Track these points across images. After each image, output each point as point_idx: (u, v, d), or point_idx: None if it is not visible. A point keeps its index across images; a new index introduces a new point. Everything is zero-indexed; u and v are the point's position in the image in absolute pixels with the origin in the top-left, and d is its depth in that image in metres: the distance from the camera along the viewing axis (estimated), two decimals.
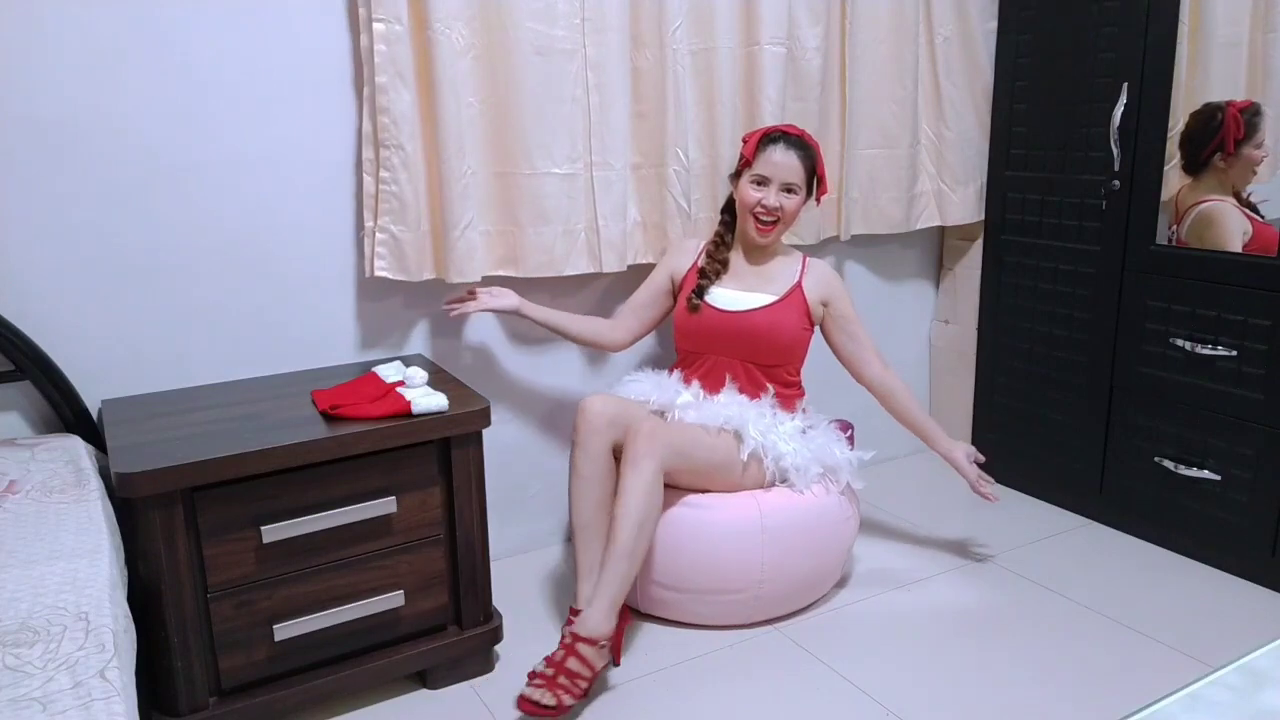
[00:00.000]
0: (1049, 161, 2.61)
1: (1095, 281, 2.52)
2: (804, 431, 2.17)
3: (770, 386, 2.19)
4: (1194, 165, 2.32)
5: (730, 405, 2.11)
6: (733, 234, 2.28)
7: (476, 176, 2.16)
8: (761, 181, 2.16)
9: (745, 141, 2.21)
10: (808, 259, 2.28)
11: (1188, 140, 2.31)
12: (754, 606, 2.10)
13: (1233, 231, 2.30)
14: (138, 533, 1.56)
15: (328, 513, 1.71)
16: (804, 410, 2.24)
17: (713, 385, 2.18)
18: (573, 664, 1.80)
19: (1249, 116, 2.22)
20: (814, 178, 2.21)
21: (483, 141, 2.16)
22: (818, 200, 2.27)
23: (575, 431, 2.00)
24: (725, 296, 2.21)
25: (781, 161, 2.14)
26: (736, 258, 2.26)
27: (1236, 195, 2.27)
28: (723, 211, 2.32)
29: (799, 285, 2.23)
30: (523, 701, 1.76)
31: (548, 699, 1.74)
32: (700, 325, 2.20)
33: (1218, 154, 2.26)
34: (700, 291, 2.21)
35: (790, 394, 2.24)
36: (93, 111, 1.82)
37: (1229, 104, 2.25)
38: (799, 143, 2.18)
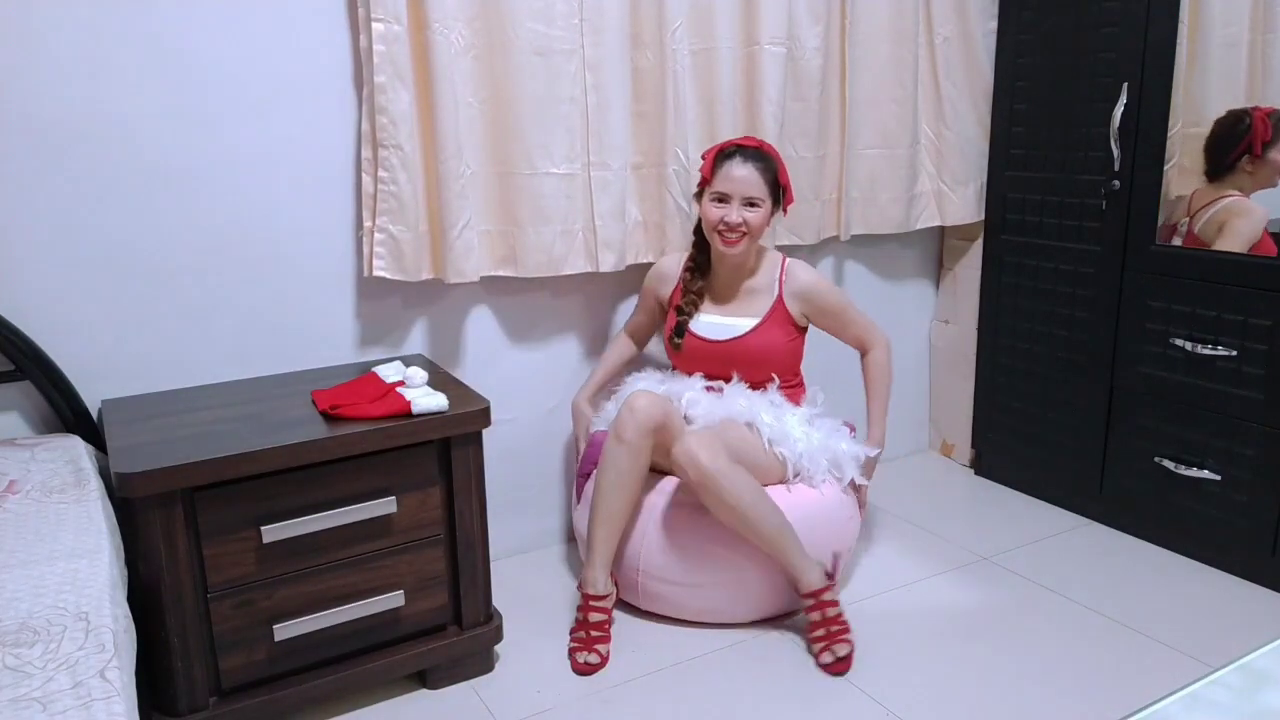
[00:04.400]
0: (1049, 161, 2.61)
1: (1095, 281, 2.52)
2: (810, 421, 2.17)
3: (776, 377, 2.20)
4: (1218, 170, 2.30)
5: (739, 397, 2.12)
6: (706, 254, 2.22)
7: (476, 177, 2.16)
8: (722, 199, 2.10)
9: (703, 159, 2.16)
10: (787, 261, 2.25)
11: (1212, 145, 2.30)
12: (755, 602, 2.10)
13: (1253, 227, 2.28)
14: (138, 533, 1.56)
15: (328, 513, 1.71)
16: (812, 400, 2.24)
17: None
18: (594, 616, 2.01)
19: (1276, 120, 2.21)
20: (778, 188, 2.16)
21: (482, 141, 2.16)
22: (784, 210, 2.23)
23: (622, 427, 1.97)
24: (709, 324, 2.19)
25: (740, 176, 2.09)
26: (716, 277, 2.22)
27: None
28: (694, 233, 2.27)
29: (780, 299, 2.20)
30: (579, 665, 1.97)
31: (593, 658, 1.97)
32: (687, 357, 2.21)
33: (1244, 157, 2.26)
34: (680, 330, 2.20)
35: (793, 391, 2.24)
36: (93, 111, 1.82)
37: (1255, 108, 2.24)
38: (757, 154, 2.12)
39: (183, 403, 1.88)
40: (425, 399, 1.79)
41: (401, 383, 1.90)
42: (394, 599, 1.81)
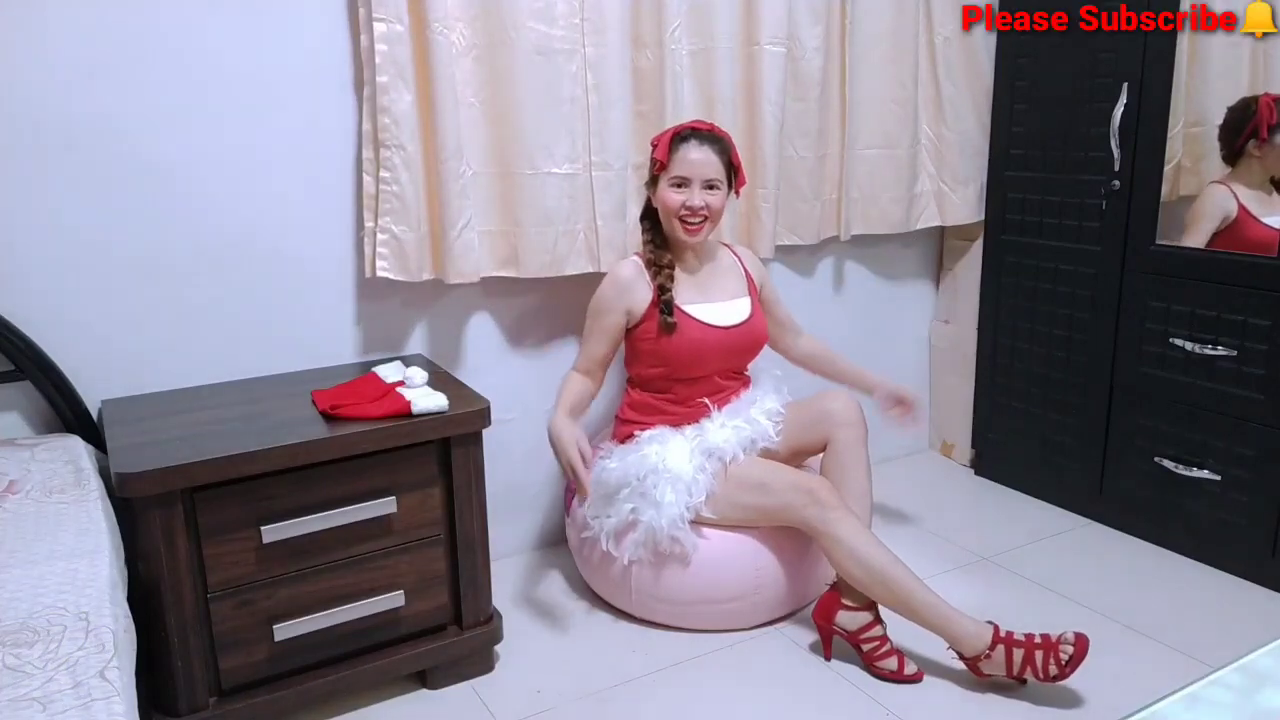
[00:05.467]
0: (1049, 161, 2.61)
1: (1095, 281, 2.52)
2: (754, 402, 2.17)
3: (748, 375, 2.22)
4: (1231, 155, 2.32)
5: (739, 426, 2.09)
6: (660, 241, 2.13)
7: (477, 177, 2.16)
8: (681, 183, 2.04)
9: (655, 145, 2.08)
10: (731, 245, 2.29)
11: (1224, 131, 2.32)
12: (752, 613, 2.10)
13: (1206, 213, 2.33)
14: (138, 533, 1.56)
15: (328, 513, 1.71)
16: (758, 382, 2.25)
17: (683, 400, 2.13)
18: (986, 668, 1.87)
19: None
20: (732, 170, 2.10)
21: (483, 141, 2.16)
22: (737, 193, 2.18)
23: (832, 508, 1.92)
24: (711, 311, 2.11)
25: (698, 159, 2.03)
26: (683, 266, 2.13)
27: (1276, 183, 2.27)
28: (642, 219, 2.18)
29: (750, 278, 2.22)
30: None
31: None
32: (682, 345, 2.06)
33: (1252, 142, 2.26)
34: (668, 307, 2.04)
35: (744, 378, 2.25)
36: (93, 111, 1.82)
37: (1264, 94, 2.25)
38: (711, 137, 2.06)
39: (183, 403, 1.88)
40: (425, 399, 1.79)
41: (401, 383, 1.90)
42: (394, 599, 1.81)
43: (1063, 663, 1.79)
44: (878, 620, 1.95)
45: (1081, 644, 1.80)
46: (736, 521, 2.04)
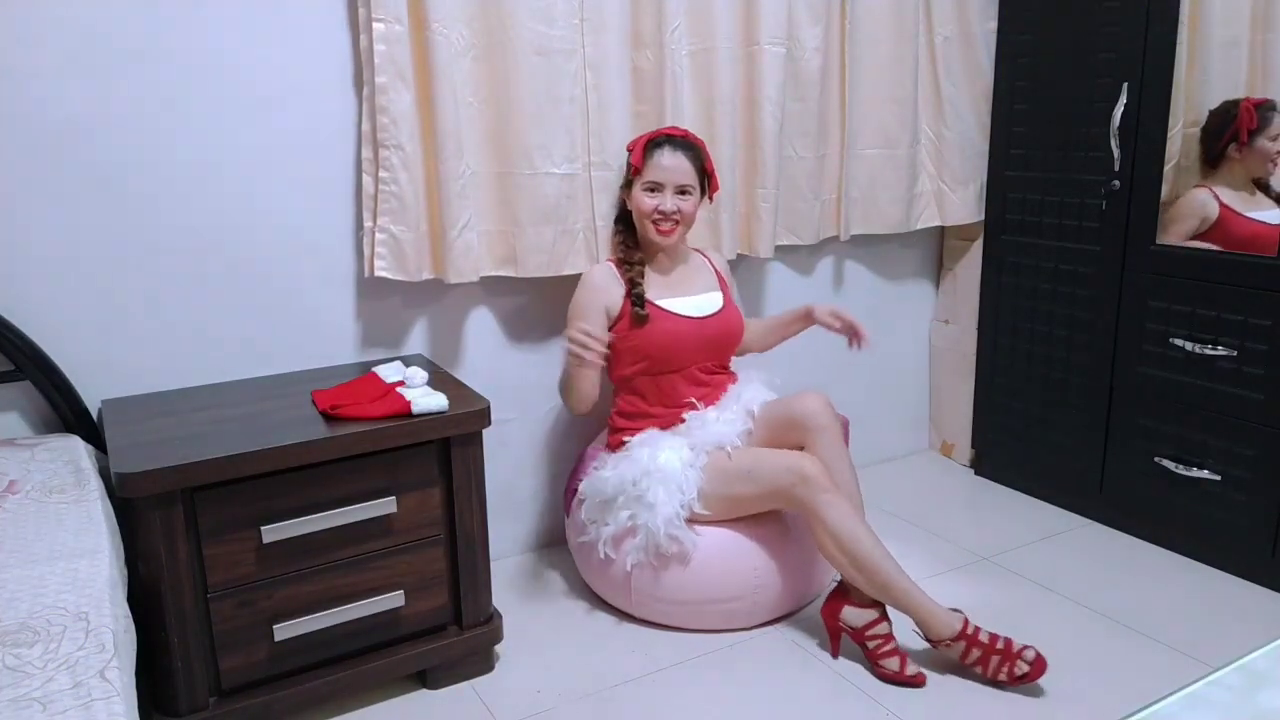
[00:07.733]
0: (1049, 161, 2.61)
1: (1095, 282, 2.52)
2: (740, 396, 2.17)
3: (733, 371, 2.23)
4: (1212, 157, 2.33)
5: (715, 423, 2.09)
6: (632, 242, 2.20)
7: (476, 176, 2.16)
8: (654, 188, 2.11)
9: (631, 150, 2.17)
10: (700, 249, 2.33)
11: (1206, 133, 2.33)
12: (751, 612, 2.10)
13: (1183, 216, 2.35)
14: (138, 533, 1.56)
15: (328, 513, 1.71)
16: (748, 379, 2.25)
17: (670, 399, 2.15)
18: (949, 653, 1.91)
19: (1264, 111, 2.24)
20: (704, 176, 2.18)
21: (482, 141, 2.16)
22: (710, 198, 2.25)
23: (822, 489, 1.92)
24: (684, 304, 2.16)
25: (671, 165, 2.10)
26: (655, 266, 2.20)
27: (1259, 184, 2.28)
28: (616, 222, 2.26)
29: (719, 275, 2.28)
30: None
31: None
32: (656, 336, 2.10)
33: (1232, 145, 2.28)
34: (640, 301, 2.10)
35: (729, 374, 2.25)
36: (93, 111, 1.82)
37: (1245, 98, 2.26)
38: (685, 144, 2.14)
39: (183, 403, 1.88)
40: (425, 399, 1.79)
41: (401, 383, 1.90)
42: (394, 599, 1.81)
43: (1015, 675, 1.84)
44: (883, 618, 1.95)
45: (1039, 666, 1.84)
46: (732, 512, 2.04)
